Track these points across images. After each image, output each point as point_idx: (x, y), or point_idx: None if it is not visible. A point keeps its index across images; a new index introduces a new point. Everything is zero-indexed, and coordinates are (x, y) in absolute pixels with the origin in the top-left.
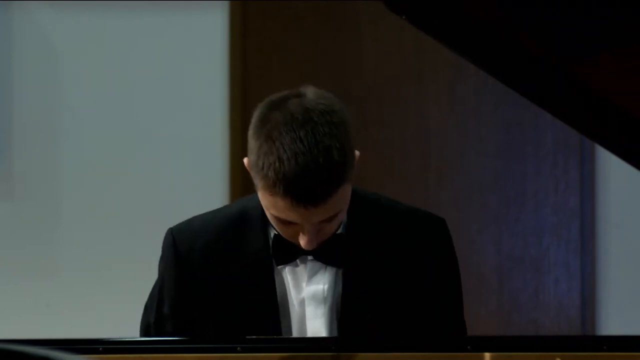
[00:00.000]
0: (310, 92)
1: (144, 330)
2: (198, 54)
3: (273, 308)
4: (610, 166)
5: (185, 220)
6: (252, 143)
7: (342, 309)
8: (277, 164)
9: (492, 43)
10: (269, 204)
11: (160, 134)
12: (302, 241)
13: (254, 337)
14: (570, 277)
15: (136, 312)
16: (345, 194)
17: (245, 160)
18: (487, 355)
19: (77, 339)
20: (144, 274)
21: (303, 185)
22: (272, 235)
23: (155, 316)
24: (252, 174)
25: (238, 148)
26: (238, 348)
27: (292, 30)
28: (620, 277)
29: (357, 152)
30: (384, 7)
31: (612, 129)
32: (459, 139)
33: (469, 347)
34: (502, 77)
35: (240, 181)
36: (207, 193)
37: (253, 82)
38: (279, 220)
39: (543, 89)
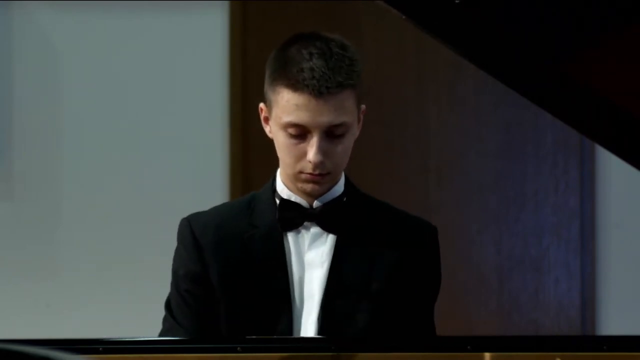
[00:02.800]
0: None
1: (167, 313)
2: (198, 54)
3: (283, 272)
4: (610, 166)
5: (199, 211)
6: (270, 65)
7: (330, 273)
8: (294, 62)
9: (492, 43)
10: (283, 109)
11: (160, 134)
12: (310, 153)
13: (253, 337)
14: (570, 277)
15: (136, 312)
16: (351, 106)
17: (261, 105)
18: (487, 355)
19: (77, 339)
20: (144, 274)
21: (316, 74)
22: (278, 203)
23: (174, 295)
24: (268, 89)
25: (238, 148)
26: (238, 348)
27: (292, 30)
28: (620, 277)
29: (363, 106)
30: (385, 5)
31: (612, 129)
32: (459, 139)
33: (469, 347)
34: (502, 77)
35: (240, 181)
36: (207, 193)
37: (253, 82)
38: (290, 137)
39: (543, 89)
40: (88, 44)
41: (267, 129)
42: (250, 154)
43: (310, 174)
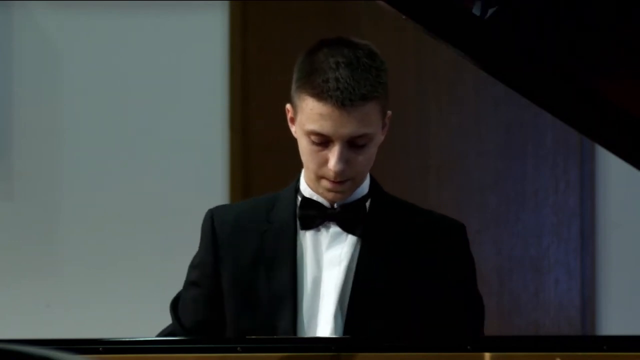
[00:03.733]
0: (354, 37)
1: (174, 298)
2: (198, 53)
3: (291, 267)
4: (610, 166)
5: (226, 204)
6: (297, 70)
7: (356, 275)
8: (320, 71)
9: (492, 43)
10: (307, 116)
11: (160, 134)
12: (332, 162)
13: (253, 337)
14: (570, 277)
15: (136, 312)
16: (375, 117)
17: (288, 105)
18: (487, 355)
19: (77, 339)
20: (144, 274)
21: (341, 85)
22: (299, 201)
23: (185, 282)
24: (294, 96)
25: (238, 148)
26: (238, 348)
27: (292, 30)
28: (620, 277)
29: (389, 112)
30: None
31: (612, 129)
32: (459, 139)
33: (469, 347)
34: (502, 77)
35: (240, 181)
36: (207, 193)
37: (253, 82)
38: (313, 144)
39: (543, 89)
40: (88, 44)
41: (292, 129)
42: (250, 154)
43: (331, 181)
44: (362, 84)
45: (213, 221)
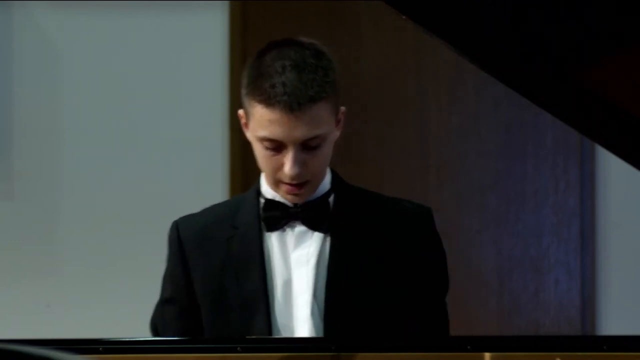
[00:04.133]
0: (304, 38)
1: (153, 314)
2: (198, 54)
3: (260, 271)
4: (610, 166)
5: (189, 213)
6: (245, 76)
7: (329, 272)
8: (266, 76)
9: (492, 43)
10: (258, 123)
11: (160, 134)
12: (287, 167)
13: (253, 337)
14: (570, 277)
15: (136, 312)
16: (326, 117)
17: (240, 111)
18: (487, 355)
19: (77, 339)
20: (144, 274)
21: (288, 89)
22: (262, 203)
23: (160, 300)
24: (244, 101)
25: (238, 148)
26: (238, 348)
27: (292, 30)
28: (620, 277)
29: (343, 108)
30: (385, 5)
31: (612, 129)
32: (459, 139)
33: (469, 347)
34: (502, 77)
35: (240, 181)
36: (207, 193)
37: None
38: (267, 150)
39: (543, 89)
40: (88, 44)
41: (246, 134)
42: (250, 154)
43: (288, 184)
44: (309, 85)
45: (179, 233)
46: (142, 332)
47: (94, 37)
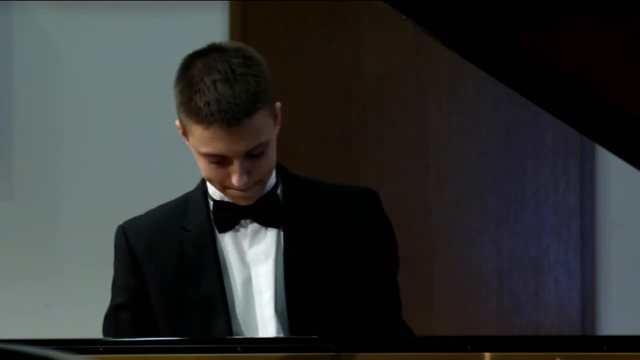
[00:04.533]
0: (226, 41)
1: (105, 318)
2: None
3: (217, 272)
4: (610, 166)
5: (135, 216)
6: (176, 91)
7: (286, 267)
8: (198, 93)
9: (492, 43)
10: (198, 140)
11: (160, 134)
12: (234, 178)
13: (253, 337)
14: (570, 277)
15: None
16: (265, 124)
17: (177, 122)
18: (487, 355)
19: (77, 339)
20: None
21: (223, 106)
22: (211, 205)
23: (112, 306)
24: (181, 118)
25: None
26: (238, 348)
27: (292, 30)
28: (620, 277)
29: (278, 104)
30: (385, 5)
31: (612, 129)
32: (459, 139)
33: (469, 347)
34: (502, 77)
35: None
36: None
37: None
38: (211, 163)
39: (543, 89)
40: (88, 44)
41: (186, 142)
42: None
43: (238, 190)
44: (243, 98)
45: (127, 237)
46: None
47: (94, 37)
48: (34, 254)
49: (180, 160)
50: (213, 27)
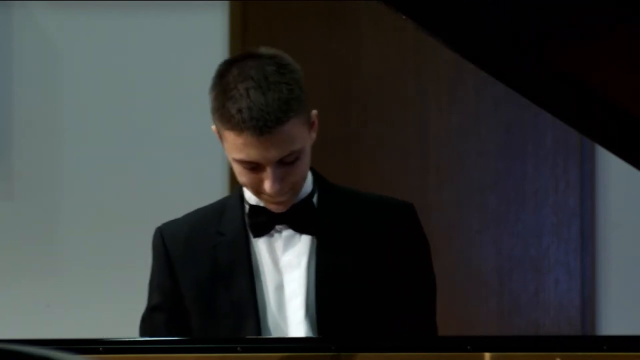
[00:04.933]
0: (263, 48)
1: (142, 319)
2: (198, 54)
3: (249, 276)
4: (610, 166)
5: (173, 219)
6: (211, 97)
7: (317, 274)
8: (232, 100)
9: (492, 43)
10: (231, 146)
11: (160, 134)
12: (267, 185)
13: (253, 337)
14: (570, 277)
15: (136, 312)
16: (298, 131)
17: (213, 127)
18: (487, 355)
19: (77, 339)
20: (144, 274)
21: (255, 114)
22: (247, 209)
23: (148, 307)
24: (216, 125)
25: None
26: (238, 348)
27: (292, 30)
28: (620, 277)
29: (314, 111)
30: (384, 6)
31: (612, 129)
32: (459, 139)
33: (469, 347)
34: (502, 77)
35: None
36: (207, 193)
37: None
38: (244, 168)
39: (543, 89)
40: (88, 44)
41: (223, 146)
42: None
43: (270, 196)
44: (275, 106)
45: (163, 239)
46: None
47: (94, 37)
48: (34, 254)
49: (181, 160)
50: (213, 27)
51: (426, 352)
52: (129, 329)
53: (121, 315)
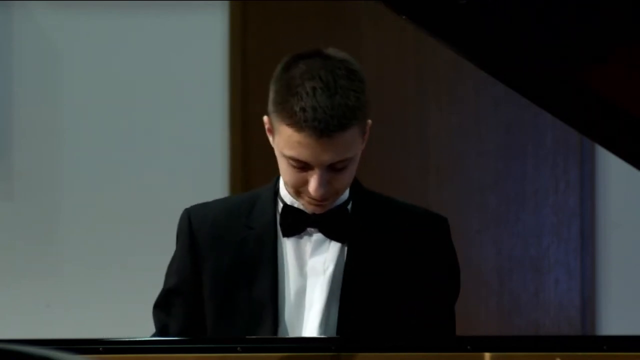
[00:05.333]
0: (332, 49)
1: (155, 304)
2: (198, 54)
3: (272, 275)
4: (610, 166)
5: (202, 202)
6: (273, 89)
7: (344, 283)
8: (296, 97)
9: (492, 43)
10: (285, 142)
11: (160, 134)
12: (312, 187)
13: (253, 337)
14: (570, 277)
15: (136, 312)
16: (355, 140)
17: (265, 118)
18: (487, 355)
19: (77, 339)
20: (144, 274)
21: (319, 115)
22: (280, 208)
23: (164, 289)
24: (272, 117)
25: (238, 148)
26: (238, 348)
27: (292, 30)
28: (620, 277)
29: (369, 121)
30: (384, 6)
31: (612, 129)
32: (459, 139)
33: (469, 347)
34: (502, 77)
35: (240, 181)
36: (207, 192)
37: (253, 82)
38: (293, 166)
39: (543, 89)
40: (88, 44)
41: (270, 139)
42: (250, 153)
43: (312, 198)
44: (340, 112)
45: (190, 223)
46: (142, 332)
47: (94, 37)
48: (34, 254)
49: (181, 160)
50: (213, 27)
51: (426, 352)
52: (129, 329)
53: (121, 315)
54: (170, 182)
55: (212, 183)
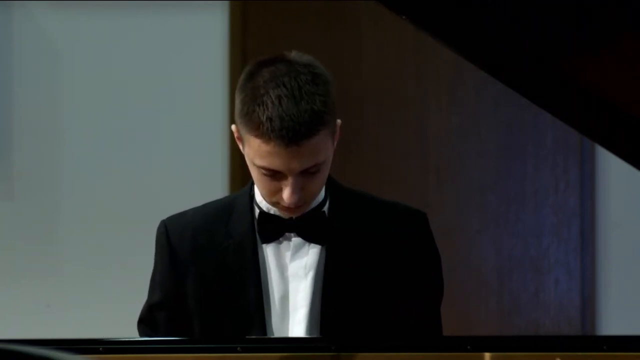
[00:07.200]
0: (295, 53)
1: (140, 319)
2: (198, 54)
3: (256, 284)
4: (610, 166)
5: (178, 212)
6: (238, 98)
7: (325, 285)
8: (262, 107)
9: (492, 43)
10: (255, 152)
11: (160, 134)
12: (286, 194)
13: (253, 337)
14: (570, 277)
15: (136, 312)
16: (325, 144)
17: (233, 127)
18: (487, 355)
19: (77, 339)
20: (144, 274)
21: (285, 124)
22: (257, 214)
23: (148, 305)
24: (239, 127)
25: (238, 148)
26: (238, 348)
27: (292, 30)
28: (620, 277)
29: (339, 121)
30: (384, 7)
31: (612, 129)
32: (459, 139)
33: (469, 347)
34: (502, 77)
35: (240, 180)
36: (207, 192)
37: None
38: (264, 175)
39: (543, 89)
40: (88, 44)
41: (240, 147)
42: None
43: (286, 205)
44: (307, 118)
45: (168, 234)
46: None
47: (94, 37)
48: (34, 254)
49: (181, 160)
50: (213, 27)
51: (426, 352)
52: (129, 329)
53: (121, 315)
54: (170, 182)
55: (212, 183)
